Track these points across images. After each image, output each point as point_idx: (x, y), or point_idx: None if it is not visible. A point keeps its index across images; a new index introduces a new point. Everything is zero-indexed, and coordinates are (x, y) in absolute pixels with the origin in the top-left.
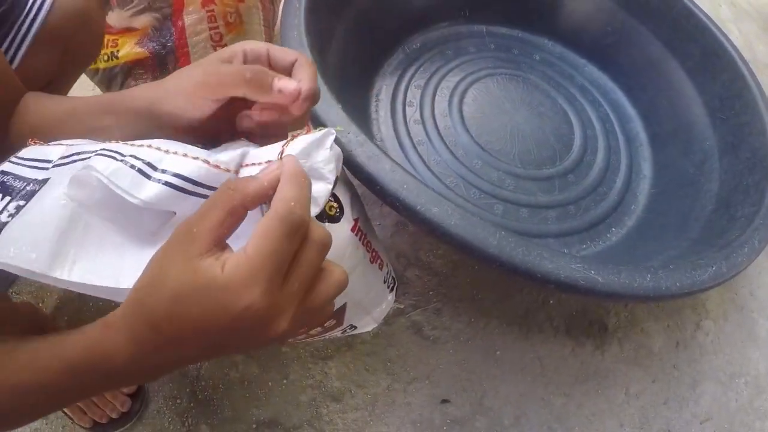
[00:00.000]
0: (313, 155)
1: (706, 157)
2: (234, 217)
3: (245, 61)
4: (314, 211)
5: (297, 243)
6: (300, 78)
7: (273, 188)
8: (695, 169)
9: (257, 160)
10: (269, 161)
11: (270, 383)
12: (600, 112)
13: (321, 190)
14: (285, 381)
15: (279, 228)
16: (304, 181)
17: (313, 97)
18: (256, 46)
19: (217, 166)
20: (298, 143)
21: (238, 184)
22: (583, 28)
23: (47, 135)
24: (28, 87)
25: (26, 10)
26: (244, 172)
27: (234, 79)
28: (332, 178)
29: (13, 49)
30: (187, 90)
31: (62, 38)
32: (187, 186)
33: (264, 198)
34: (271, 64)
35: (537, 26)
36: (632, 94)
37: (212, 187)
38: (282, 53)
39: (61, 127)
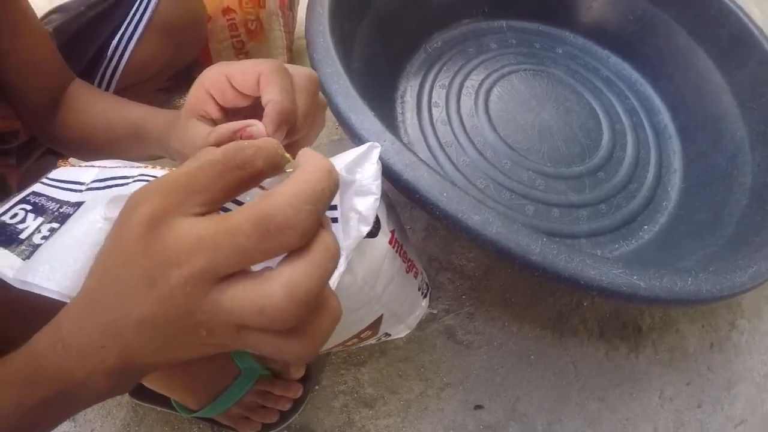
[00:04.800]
0: (360, 170)
1: (738, 148)
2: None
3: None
4: (365, 229)
5: (229, 179)
6: (267, 99)
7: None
8: (727, 162)
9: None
10: None
11: None
12: (627, 105)
13: (369, 204)
14: (317, 387)
15: (215, 154)
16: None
17: (282, 116)
18: (214, 79)
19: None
20: (344, 157)
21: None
22: (604, 18)
23: (84, 139)
24: (139, 76)
25: (137, 3)
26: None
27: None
28: (379, 192)
29: (125, 39)
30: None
31: (172, 30)
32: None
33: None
34: (236, 88)
35: (558, 19)
36: (659, 85)
37: None
38: (241, 76)
39: (95, 135)
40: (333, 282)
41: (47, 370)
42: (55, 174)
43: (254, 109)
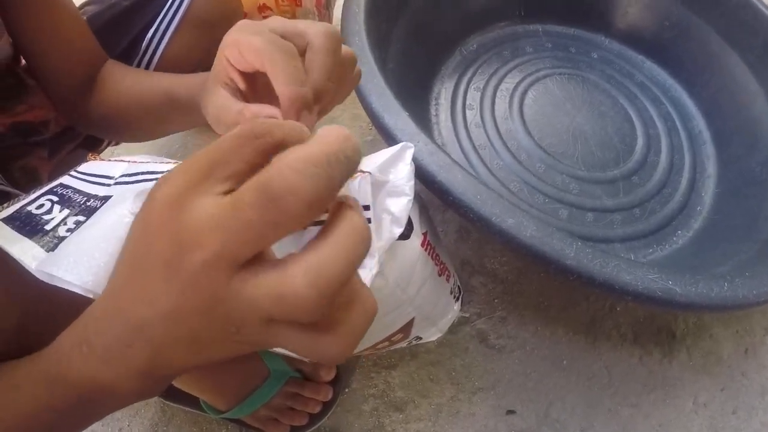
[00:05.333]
0: (393, 171)
1: None
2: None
3: (238, 74)
4: (397, 231)
5: (249, 150)
6: (276, 90)
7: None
8: (761, 167)
9: None
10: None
11: None
12: (661, 110)
13: (402, 206)
14: (347, 390)
15: (236, 129)
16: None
17: (295, 107)
18: (230, 46)
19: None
20: (377, 158)
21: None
22: (639, 23)
23: (120, 114)
24: (172, 70)
25: None
26: None
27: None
28: (412, 194)
29: (160, 33)
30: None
31: (208, 25)
32: None
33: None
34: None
35: (593, 23)
36: (693, 90)
37: None
38: (245, 50)
39: (129, 110)
40: (366, 282)
41: (72, 372)
42: (84, 167)
43: None
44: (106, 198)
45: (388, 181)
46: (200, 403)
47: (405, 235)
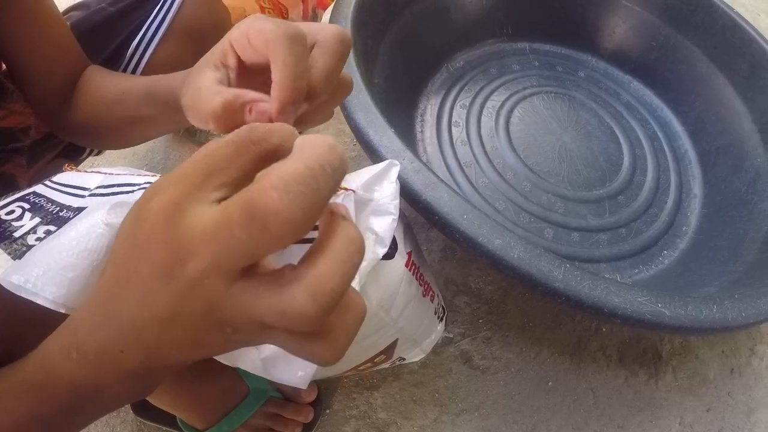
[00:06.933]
0: (378, 189)
1: (758, 174)
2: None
3: (236, 58)
4: (381, 251)
5: (244, 157)
6: (273, 77)
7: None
8: (747, 188)
9: None
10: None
11: None
12: (647, 130)
13: (387, 225)
14: (328, 411)
15: (231, 135)
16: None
17: (285, 99)
18: (240, 33)
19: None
20: (362, 175)
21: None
22: (627, 43)
23: (99, 117)
24: None
25: (160, 4)
26: None
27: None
28: (397, 213)
29: (146, 41)
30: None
31: (195, 35)
32: None
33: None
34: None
35: (580, 43)
36: (680, 110)
37: None
38: (255, 37)
39: (110, 112)
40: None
41: (61, 378)
42: (59, 178)
43: None
44: (79, 209)
45: (372, 200)
46: (177, 421)
47: (389, 255)
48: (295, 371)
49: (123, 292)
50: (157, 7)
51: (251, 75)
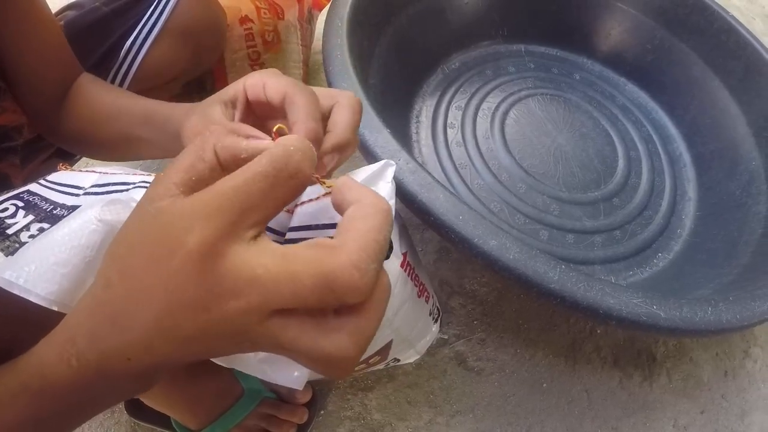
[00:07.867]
0: (374, 189)
1: (752, 177)
2: (203, 163)
3: (244, 100)
4: None
5: (281, 191)
6: (292, 121)
7: (254, 152)
8: (741, 191)
9: (305, 197)
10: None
11: None
12: (642, 133)
13: None
14: (322, 412)
15: (264, 165)
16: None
17: (314, 132)
18: (256, 80)
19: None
20: (357, 175)
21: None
22: (622, 46)
23: (93, 130)
24: (153, 80)
25: (155, 3)
26: (300, 211)
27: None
28: (393, 213)
29: (140, 40)
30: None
31: (190, 34)
32: None
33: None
34: (267, 100)
35: (576, 45)
36: (674, 113)
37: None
38: (273, 92)
39: (104, 126)
40: None
41: (60, 383)
42: (54, 177)
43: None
44: (73, 208)
45: None
46: (171, 422)
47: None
48: (291, 372)
49: (139, 311)
50: (152, 7)
51: (257, 120)
